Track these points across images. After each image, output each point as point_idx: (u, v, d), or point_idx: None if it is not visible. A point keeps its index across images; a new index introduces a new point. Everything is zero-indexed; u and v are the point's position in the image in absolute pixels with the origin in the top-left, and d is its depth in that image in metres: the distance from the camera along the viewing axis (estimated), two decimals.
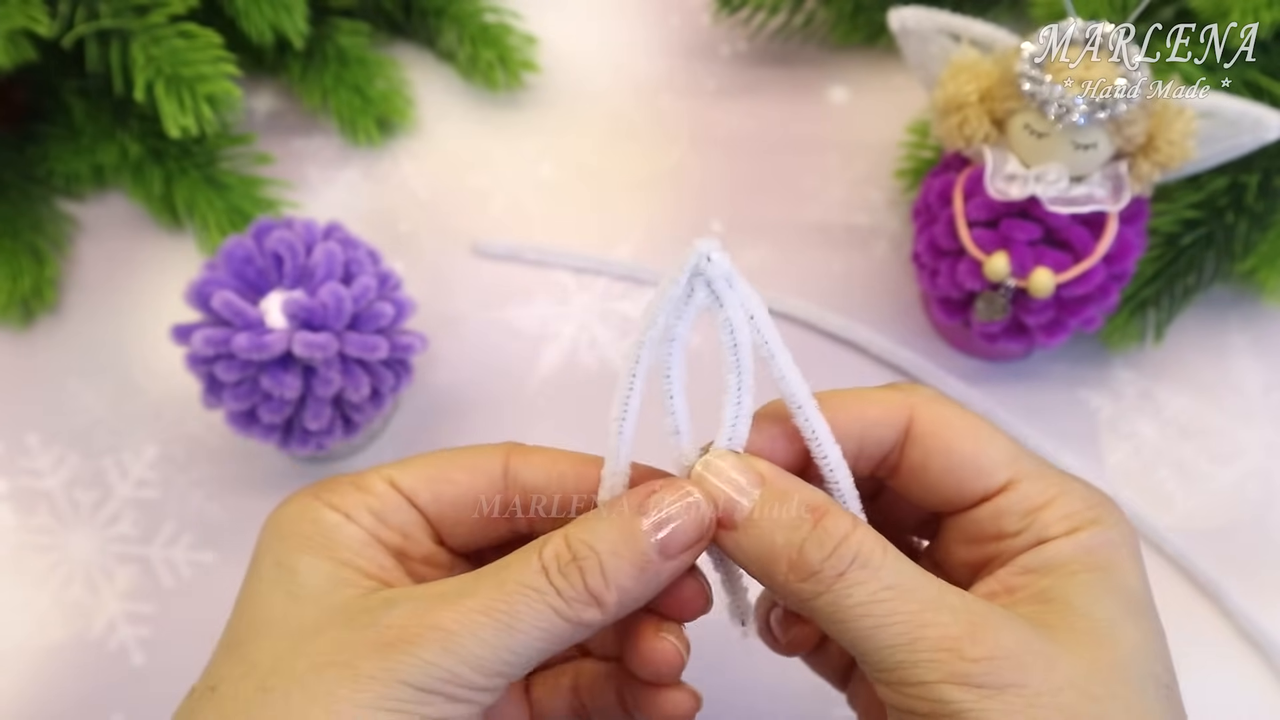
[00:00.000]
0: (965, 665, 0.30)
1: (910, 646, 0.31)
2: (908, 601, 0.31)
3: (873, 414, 0.35)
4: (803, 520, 0.32)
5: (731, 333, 0.33)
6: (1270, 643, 0.52)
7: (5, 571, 0.54)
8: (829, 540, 0.32)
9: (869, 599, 0.31)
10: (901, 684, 0.31)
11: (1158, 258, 0.55)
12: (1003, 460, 0.34)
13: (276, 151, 0.62)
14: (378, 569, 0.35)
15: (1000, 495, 0.34)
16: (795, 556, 0.32)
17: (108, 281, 0.60)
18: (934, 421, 0.35)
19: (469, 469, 0.37)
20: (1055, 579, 0.33)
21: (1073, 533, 0.33)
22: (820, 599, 0.32)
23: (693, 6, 0.67)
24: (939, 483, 0.35)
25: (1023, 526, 0.34)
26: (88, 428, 0.57)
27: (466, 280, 0.60)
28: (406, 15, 0.66)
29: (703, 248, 0.32)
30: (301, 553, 0.34)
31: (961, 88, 0.50)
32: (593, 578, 0.32)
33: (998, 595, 0.33)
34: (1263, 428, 0.57)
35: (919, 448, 0.35)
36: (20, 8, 0.53)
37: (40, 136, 0.61)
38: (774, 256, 0.61)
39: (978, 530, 0.35)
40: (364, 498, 0.36)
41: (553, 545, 0.33)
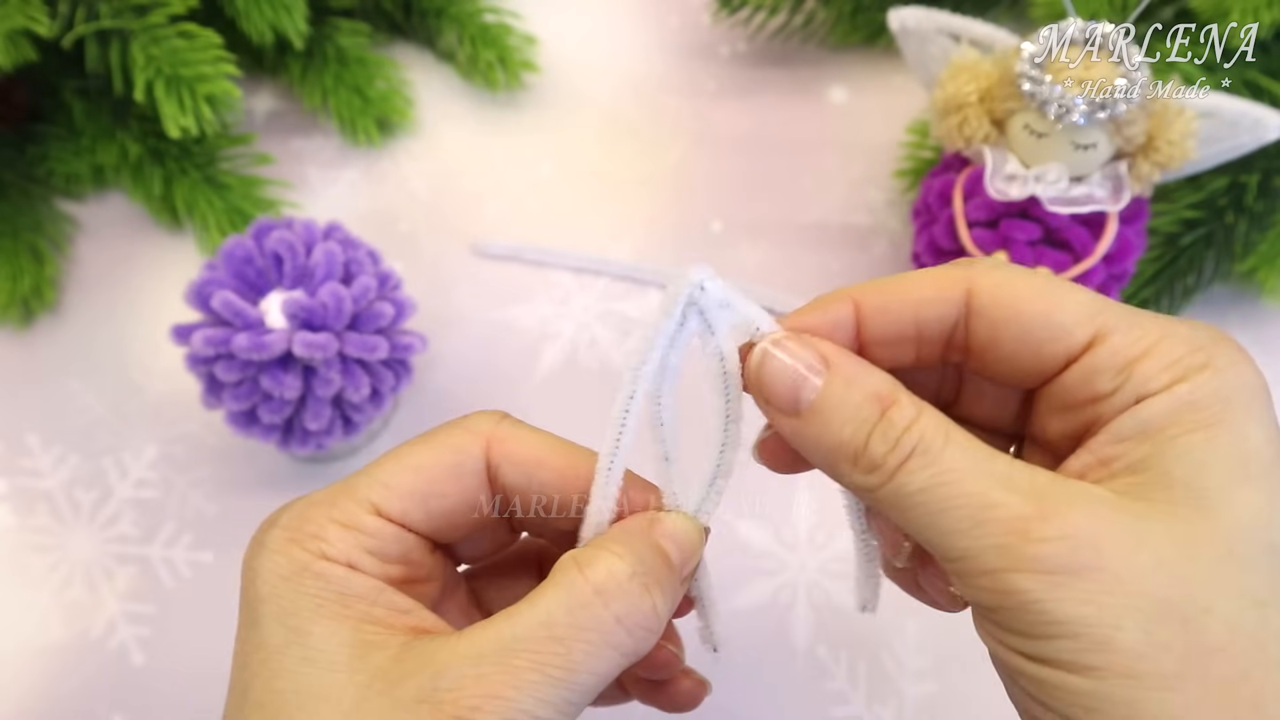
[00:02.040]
0: (1033, 548, 0.27)
1: (974, 531, 0.28)
2: (971, 482, 0.28)
3: (924, 292, 0.32)
4: (870, 410, 0.30)
5: (721, 360, 0.32)
6: None
7: (5, 571, 0.54)
8: (893, 431, 0.29)
9: (929, 483, 0.28)
10: (969, 574, 0.28)
11: (1158, 258, 0.55)
12: (1083, 315, 0.30)
13: (276, 151, 0.62)
14: (399, 615, 0.32)
15: (1088, 353, 0.30)
16: (860, 449, 0.30)
17: (108, 281, 0.60)
18: (996, 289, 0.31)
19: (455, 476, 0.34)
20: (1154, 445, 0.29)
21: (1175, 384, 0.29)
22: (883, 489, 0.29)
23: (693, 6, 0.67)
24: (1015, 354, 0.31)
25: (1119, 383, 0.30)
26: (88, 428, 0.57)
27: (466, 280, 0.60)
28: (406, 15, 0.66)
29: (695, 277, 0.31)
30: (315, 617, 0.31)
31: (961, 88, 0.50)
32: (655, 592, 0.31)
33: (1091, 469, 0.30)
34: None
35: (984, 320, 0.31)
36: (20, 8, 0.53)
37: (40, 136, 0.61)
38: (774, 256, 0.61)
39: (1069, 397, 0.31)
40: (358, 538, 0.33)
41: (604, 564, 0.31)
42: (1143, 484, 0.29)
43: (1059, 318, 0.30)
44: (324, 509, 0.33)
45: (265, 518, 0.34)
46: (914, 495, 0.29)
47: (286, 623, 0.31)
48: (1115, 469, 0.29)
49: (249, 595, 0.32)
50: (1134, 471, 0.29)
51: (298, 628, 0.31)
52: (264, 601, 0.32)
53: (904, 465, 0.29)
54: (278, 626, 0.31)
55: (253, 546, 0.33)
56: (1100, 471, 0.29)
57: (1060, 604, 0.27)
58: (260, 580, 0.32)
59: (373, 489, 0.33)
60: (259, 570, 0.32)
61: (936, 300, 0.32)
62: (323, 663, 0.31)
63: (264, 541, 0.33)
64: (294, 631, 0.31)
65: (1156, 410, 0.29)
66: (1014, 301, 0.31)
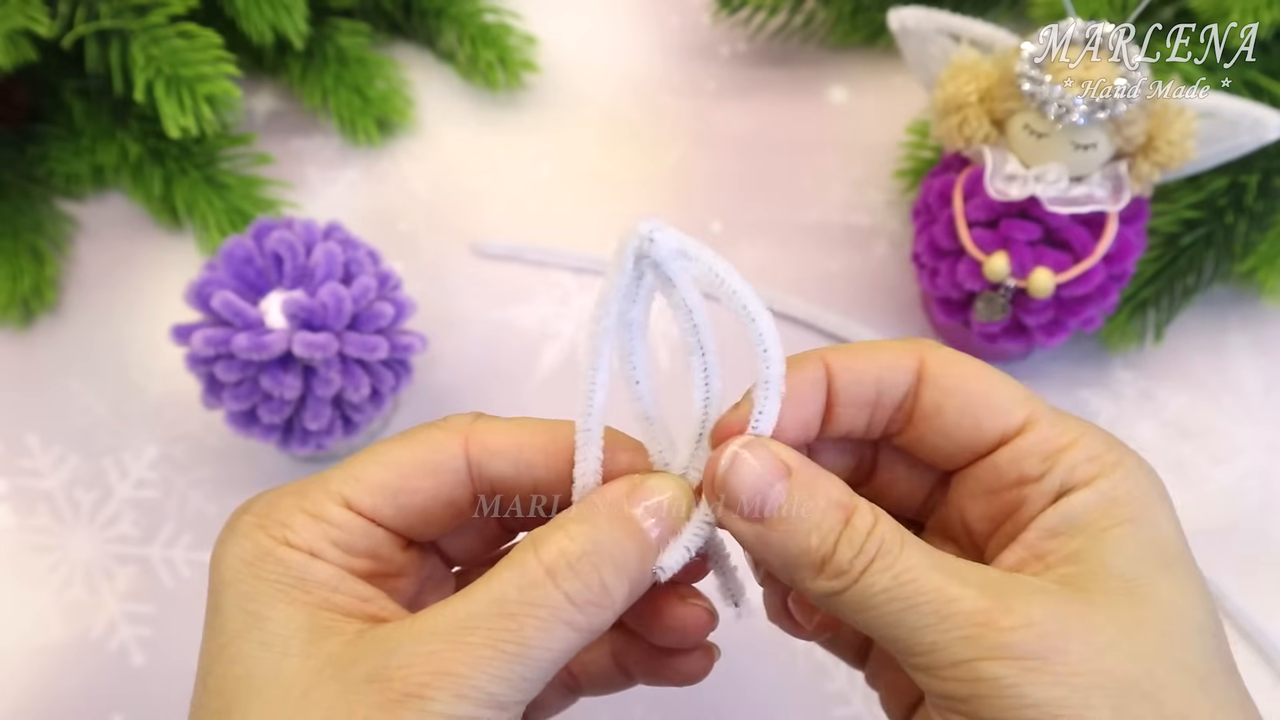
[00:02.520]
0: (1001, 637, 0.29)
1: (941, 625, 0.29)
2: (932, 578, 0.30)
3: (886, 359, 0.34)
4: (835, 518, 0.31)
5: (690, 314, 0.31)
6: (1270, 643, 0.52)
7: (5, 571, 0.54)
8: (857, 537, 0.31)
9: (892, 583, 0.30)
10: (937, 667, 0.30)
11: (1157, 258, 0.55)
12: (1018, 399, 0.33)
13: (276, 151, 0.62)
14: (359, 603, 0.32)
15: (1020, 436, 0.33)
16: (828, 556, 0.31)
17: (108, 281, 0.60)
18: (946, 363, 0.34)
19: (429, 472, 0.34)
20: (1085, 539, 0.31)
21: (1096, 479, 0.31)
22: (848, 592, 0.31)
23: (693, 6, 0.67)
24: (955, 425, 0.33)
25: (1045, 469, 0.32)
26: (88, 428, 0.57)
27: (466, 280, 0.60)
28: (406, 15, 0.66)
29: (642, 229, 0.30)
30: (273, 602, 0.31)
31: (961, 88, 0.50)
32: (606, 569, 0.30)
33: (1027, 564, 0.32)
34: (1263, 428, 0.57)
35: (933, 389, 0.33)
36: (20, 8, 0.53)
37: (40, 136, 0.61)
38: (774, 256, 0.61)
39: (996, 478, 0.33)
40: (324, 529, 0.33)
41: (554, 544, 0.31)
42: (1080, 575, 0.31)
43: (999, 398, 0.33)
44: (294, 499, 0.33)
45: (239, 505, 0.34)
46: (878, 596, 0.30)
47: (246, 607, 0.31)
48: (1051, 562, 0.31)
49: (214, 581, 0.33)
50: (1070, 563, 0.31)
51: (256, 612, 0.31)
52: (226, 586, 0.32)
53: (867, 569, 0.30)
54: (237, 611, 0.32)
55: (222, 533, 0.33)
56: (1036, 565, 0.31)
57: (1034, 687, 0.28)
58: (224, 565, 0.32)
59: (344, 482, 0.33)
60: (224, 555, 0.33)
61: (895, 366, 0.34)
62: (278, 647, 0.31)
63: (232, 527, 0.33)
64: (252, 616, 0.31)
65: (1083, 505, 0.31)
66: (961, 375, 0.33)
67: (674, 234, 0.30)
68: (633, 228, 0.30)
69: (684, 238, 0.30)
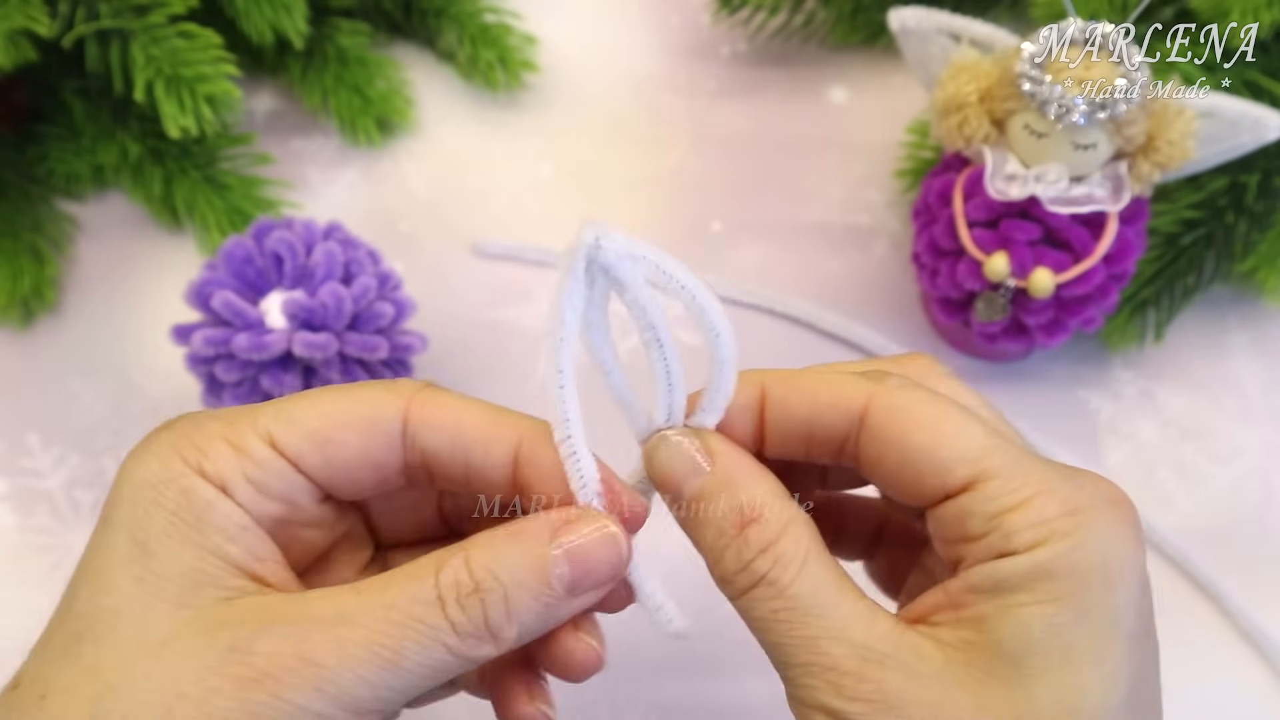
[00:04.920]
0: (842, 702, 0.29)
1: (800, 669, 0.30)
2: (806, 625, 0.30)
3: (824, 398, 0.32)
4: (730, 523, 0.31)
5: (644, 311, 0.31)
6: (1270, 643, 0.52)
7: (5, 571, 0.54)
8: (747, 552, 0.31)
9: (769, 616, 0.31)
10: (791, 698, 0.31)
11: (1158, 258, 0.55)
12: (970, 454, 0.30)
13: (276, 151, 0.62)
14: (251, 560, 0.31)
15: (964, 494, 0.30)
16: (717, 559, 0.32)
17: (108, 281, 0.60)
18: (891, 411, 0.31)
19: (363, 428, 0.32)
20: (997, 607, 0.29)
21: (1036, 547, 0.29)
22: (734, 602, 0.32)
23: (693, 6, 0.67)
24: (896, 477, 0.32)
25: (987, 530, 0.30)
26: (88, 428, 0.57)
27: (466, 280, 0.60)
28: (406, 15, 0.66)
29: (588, 235, 0.29)
30: (163, 537, 0.30)
31: (961, 88, 0.50)
32: (494, 611, 0.30)
33: (942, 609, 0.31)
34: (1262, 428, 0.57)
35: (873, 440, 0.32)
36: (20, 8, 0.53)
37: (40, 136, 0.61)
38: (774, 256, 0.61)
39: (943, 529, 0.31)
40: (242, 463, 0.31)
41: (452, 570, 0.30)
42: (974, 644, 0.30)
43: (942, 454, 0.31)
44: (219, 425, 0.32)
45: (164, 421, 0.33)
46: (756, 621, 0.31)
47: (134, 534, 0.30)
48: (961, 616, 0.30)
49: (113, 494, 0.32)
50: (972, 626, 0.30)
51: (143, 543, 0.30)
52: (122, 503, 0.31)
53: (750, 591, 0.31)
54: (124, 537, 0.30)
55: (136, 445, 0.32)
56: (948, 614, 0.31)
57: None
58: (127, 481, 0.31)
59: (274, 420, 0.32)
60: (131, 470, 0.31)
61: (831, 408, 0.32)
62: (153, 587, 0.30)
63: (147, 443, 0.32)
64: (137, 545, 0.30)
65: (1013, 571, 0.29)
66: (903, 428, 0.31)
67: (620, 236, 0.30)
68: (579, 234, 0.30)
69: (630, 239, 0.30)
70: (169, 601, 0.30)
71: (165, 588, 0.30)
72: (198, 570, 0.30)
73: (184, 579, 0.30)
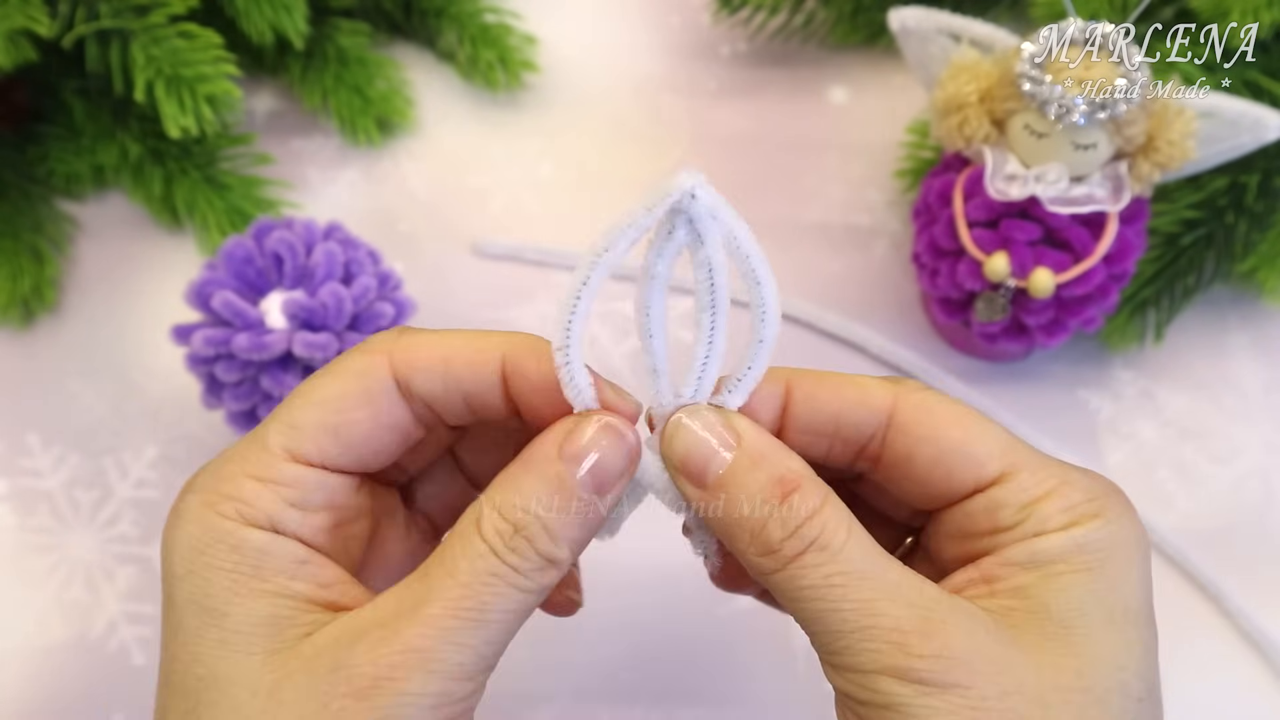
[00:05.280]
0: (910, 660, 0.29)
1: (858, 634, 0.30)
2: (861, 589, 0.30)
3: (851, 395, 0.33)
4: (770, 493, 0.31)
5: (710, 273, 0.31)
6: (1270, 643, 0.52)
7: (5, 571, 0.54)
8: (793, 519, 0.31)
9: (822, 582, 0.30)
10: (844, 668, 0.30)
11: (1158, 258, 0.55)
12: (996, 449, 0.32)
13: (276, 151, 0.62)
14: (318, 589, 0.32)
15: (995, 486, 0.32)
16: (758, 530, 0.31)
17: (108, 281, 0.60)
18: (920, 409, 0.33)
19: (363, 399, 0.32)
20: (1037, 576, 0.31)
21: (1069, 527, 0.31)
22: (777, 575, 0.31)
23: (693, 6, 0.67)
24: (926, 474, 0.33)
25: (1019, 519, 0.31)
26: (88, 428, 0.57)
27: (466, 280, 0.60)
28: (406, 15, 0.66)
29: (686, 183, 0.29)
30: (230, 596, 0.31)
31: (961, 88, 0.50)
32: (541, 541, 0.30)
33: (975, 584, 0.32)
34: (1262, 427, 0.57)
35: (904, 436, 0.33)
36: (20, 8, 0.53)
37: (40, 136, 0.61)
38: (774, 256, 0.59)
39: (969, 524, 0.32)
40: (276, 492, 0.32)
41: (490, 522, 0.31)
42: (1018, 610, 0.31)
43: (975, 448, 0.32)
44: (238, 464, 0.32)
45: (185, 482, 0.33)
46: (806, 590, 0.30)
47: (202, 603, 0.31)
48: (997, 589, 0.31)
49: (166, 572, 0.32)
50: (1013, 596, 0.31)
51: (213, 609, 0.31)
52: (179, 580, 0.31)
53: (800, 557, 0.30)
54: (193, 608, 0.31)
55: (169, 517, 0.32)
56: (981, 589, 0.31)
57: (928, 712, 0.29)
58: (175, 556, 0.31)
59: (282, 433, 0.32)
60: (174, 544, 0.32)
61: (861, 405, 0.33)
62: (239, 645, 0.30)
63: (180, 511, 0.32)
64: (209, 613, 0.31)
65: (1048, 547, 0.31)
66: (934, 423, 0.33)
67: (713, 192, 0.30)
68: (675, 180, 0.29)
69: (719, 197, 0.30)
70: (259, 652, 0.30)
71: (251, 642, 0.30)
72: (273, 616, 0.31)
73: (264, 628, 0.30)
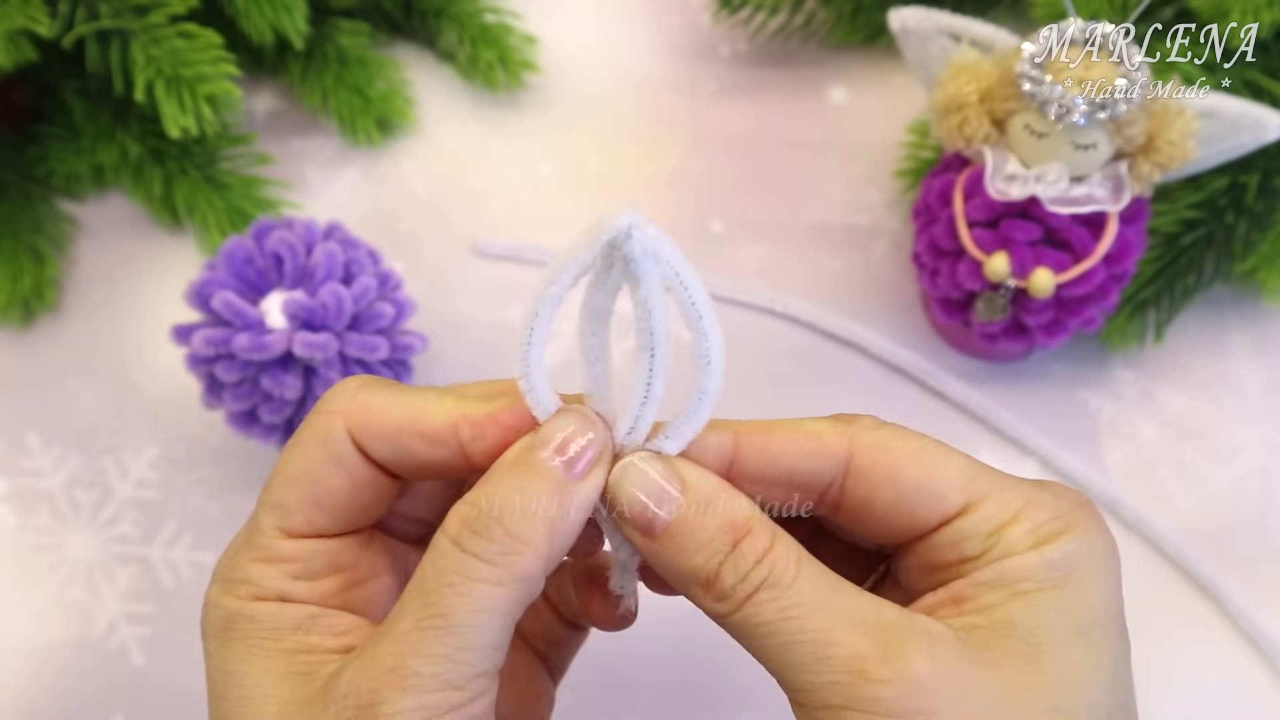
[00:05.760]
0: (871, 688, 0.28)
1: (816, 666, 0.29)
2: (816, 618, 0.29)
3: (806, 447, 0.32)
4: (722, 540, 0.30)
5: (648, 314, 0.30)
6: (1270, 643, 0.52)
7: (5, 571, 0.54)
8: (744, 563, 0.30)
9: (777, 616, 0.30)
10: (808, 705, 0.30)
11: (1158, 258, 0.55)
12: (959, 481, 0.32)
13: (276, 151, 0.62)
14: (334, 638, 0.32)
15: (959, 518, 0.32)
16: (711, 579, 0.30)
17: (108, 281, 0.60)
18: (876, 450, 0.32)
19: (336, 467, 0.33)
20: (1004, 595, 0.30)
21: (1037, 546, 0.31)
22: (732, 617, 0.30)
23: (693, 6, 0.67)
24: (889, 515, 0.32)
25: (986, 547, 0.31)
26: (88, 428, 0.57)
27: (466, 280, 0.60)
28: (406, 15, 0.66)
29: (621, 222, 0.29)
30: (249, 657, 0.32)
31: (961, 88, 0.50)
32: (510, 521, 0.30)
33: (943, 605, 0.31)
34: (1262, 428, 0.57)
35: (862, 480, 0.32)
36: (20, 8, 0.53)
37: (40, 136, 0.61)
38: (774, 256, 0.61)
39: (936, 557, 0.32)
40: (280, 569, 0.33)
41: (456, 514, 0.30)
42: (984, 628, 0.30)
43: (936, 484, 0.32)
44: (244, 552, 0.33)
45: None
46: (761, 627, 0.30)
47: (226, 668, 0.32)
48: (965, 608, 0.31)
49: (205, 655, 0.33)
50: (981, 613, 0.30)
51: (234, 671, 0.32)
52: (210, 656, 0.33)
53: (752, 597, 0.30)
54: (220, 674, 0.32)
55: (202, 609, 0.34)
56: (950, 609, 0.31)
57: None
58: (207, 639, 0.33)
59: (272, 514, 0.33)
60: (206, 630, 0.33)
61: (817, 455, 0.32)
62: (258, 698, 0.31)
63: (207, 601, 0.33)
64: (231, 675, 0.32)
65: (1018, 564, 0.31)
66: (892, 464, 0.32)
67: (652, 233, 0.29)
68: (613, 218, 0.29)
69: (661, 239, 0.30)
70: (275, 702, 0.31)
71: (268, 695, 0.31)
72: (290, 672, 0.31)
73: (282, 682, 0.31)
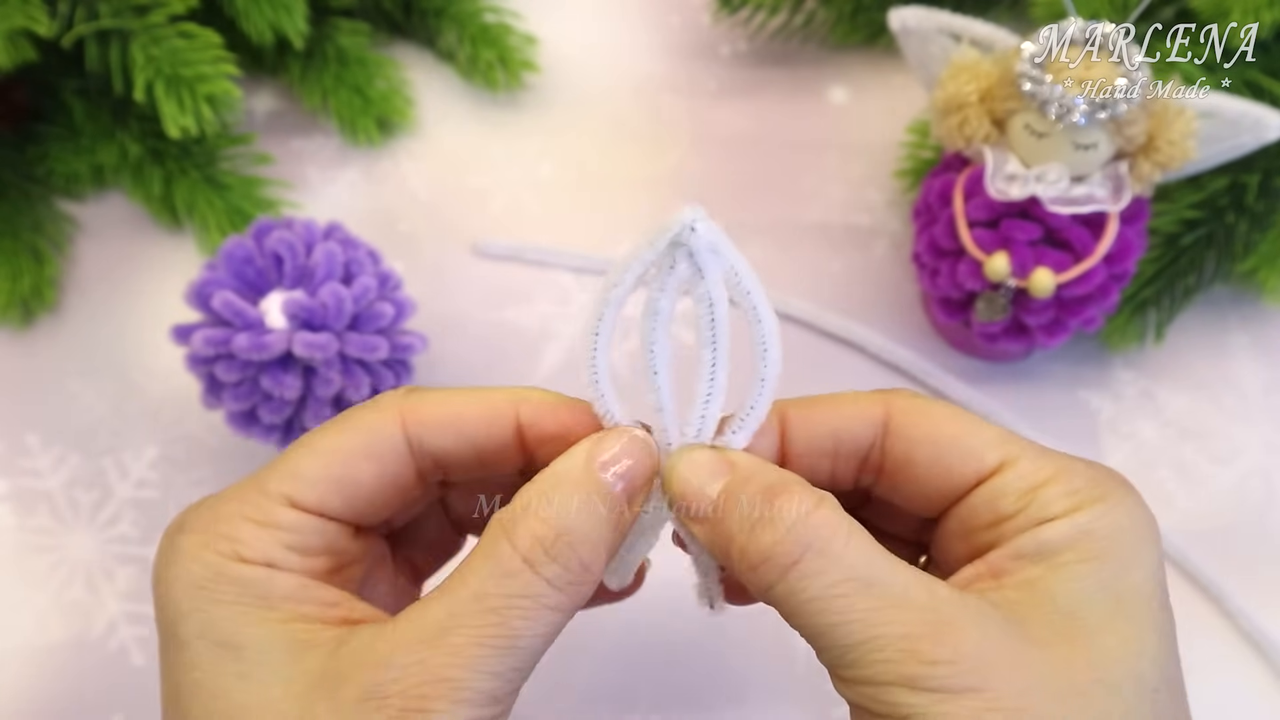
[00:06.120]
0: (922, 668, 0.28)
1: (867, 645, 0.29)
2: (866, 596, 0.29)
3: (847, 411, 0.33)
4: (760, 501, 0.30)
5: (710, 307, 0.31)
6: (1270, 643, 0.52)
7: (5, 571, 0.54)
8: (781, 522, 0.29)
9: (824, 592, 0.29)
10: (855, 681, 0.29)
11: (1158, 258, 0.55)
12: (993, 441, 0.32)
13: (276, 151, 0.62)
14: (327, 609, 0.31)
15: (995, 476, 0.32)
16: (746, 540, 0.30)
17: (108, 281, 0.60)
18: (913, 412, 0.33)
19: (370, 455, 0.33)
20: (1045, 568, 0.30)
21: (1073, 512, 0.31)
22: (775, 589, 0.29)
23: (693, 6, 0.67)
24: (927, 473, 0.33)
25: (1022, 505, 0.31)
26: (88, 428, 0.57)
27: (466, 280, 0.60)
28: (406, 15, 0.66)
29: (686, 217, 0.30)
30: (241, 626, 0.30)
31: (961, 88, 0.50)
32: (583, 548, 0.30)
33: (982, 578, 0.31)
34: (1263, 428, 0.57)
35: (901, 439, 0.33)
36: (20, 8, 0.53)
37: (40, 136, 0.61)
38: (774, 256, 0.61)
39: (973, 518, 0.32)
40: (275, 535, 0.31)
41: (527, 531, 0.30)
42: (1026, 603, 0.30)
43: (971, 441, 0.32)
44: (235, 505, 0.32)
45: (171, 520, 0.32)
46: (808, 604, 0.29)
47: (214, 638, 0.30)
48: (1005, 582, 0.31)
49: (167, 612, 0.31)
50: (1021, 588, 0.30)
51: (227, 641, 0.30)
52: (185, 618, 0.31)
53: (798, 565, 0.29)
54: (205, 644, 0.30)
55: (161, 555, 0.32)
56: (989, 582, 0.31)
57: (941, 718, 0.28)
58: (175, 593, 0.31)
59: (284, 480, 0.32)
60: (172, 582, 0.31)
61: (856, 419, 0.33)
62: (259, 675, 0.30)
63: (174, 548, 0.31)
64: (224, 647, 0.30)
65: (1055, 534, 0.31)
66: (929, 423, 0.33)
67: (714, 227, 0.30)
68: (676, 213, 0.30)
69: (720, 232, 0.31)
70: (279, 681, 0.30)
71: (270, 672, 0.30)
72: (290, 642, 0.30)
73: (282, 655, 0.30)
